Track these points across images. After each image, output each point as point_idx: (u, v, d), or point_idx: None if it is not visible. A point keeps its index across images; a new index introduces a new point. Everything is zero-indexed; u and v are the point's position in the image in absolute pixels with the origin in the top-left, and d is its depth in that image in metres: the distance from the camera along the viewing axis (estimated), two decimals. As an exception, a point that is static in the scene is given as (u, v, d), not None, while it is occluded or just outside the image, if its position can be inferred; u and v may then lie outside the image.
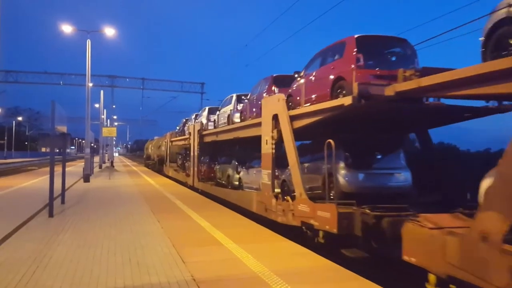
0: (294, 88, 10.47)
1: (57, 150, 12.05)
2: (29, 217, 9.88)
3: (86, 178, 21.30)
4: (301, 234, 8.91)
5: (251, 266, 5.96)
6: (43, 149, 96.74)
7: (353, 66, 7.71)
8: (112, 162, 43.11)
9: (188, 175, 21.85)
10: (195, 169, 19.80)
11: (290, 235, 8.39)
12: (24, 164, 51.29)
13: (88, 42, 25.08)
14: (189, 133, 21.50)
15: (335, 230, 7.22)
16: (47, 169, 12.34)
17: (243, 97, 15.94)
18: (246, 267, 5.93)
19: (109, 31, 26.17)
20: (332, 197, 8.17)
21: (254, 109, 13.28)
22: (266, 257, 6.43)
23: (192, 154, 20.62)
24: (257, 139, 12.05)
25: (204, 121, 20.86)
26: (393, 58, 8.24)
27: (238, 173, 15.08)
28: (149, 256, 6.46)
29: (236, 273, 5.66)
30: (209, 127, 19.98)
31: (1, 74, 53.96)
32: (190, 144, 21.23)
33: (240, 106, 15.61)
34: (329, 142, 7.65)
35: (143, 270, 5.71)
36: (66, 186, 13.43)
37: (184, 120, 28.95)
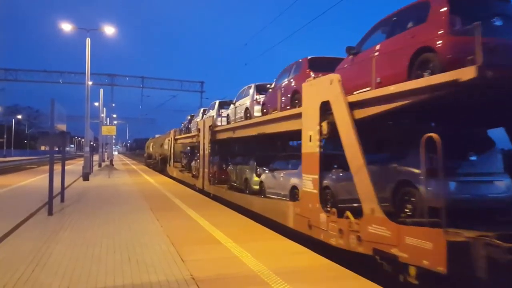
0: (345, 68, 8.16)
1: (57, 149, 12.05)
2: (28, 216, 9.89)
3: (86, 177, 21.29)
4: (301, 234, 8.89)
5: (250, 264, 5.96)
6: (43, 148, 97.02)
7: (444, 31, 5.79)
8: (111, 161, 43.11)
9: (196, 177, 20.12)
10: (205, 170, 17.77)
11: (290, 234, 8.39)
12: (24, 162, 51.29)
13: (88, 41, 25.09)
14: (198, 130, 19.68)
15: (442, 269, 5.12)
16: (47, 167, 12.34)
17: (268, 86, 13.78)
18: (245, 265, 5.94)
19: (109, 30, 26.20)
20: (408, 213, 6.40)
21: (283, 99, 11.12)
22: (265, 255, 6.44)
23: (201, 153, 18.60)
24: (288, 135, 11.39)
25: (215, 116, 18.65)
26: (498, 23, 6.00)
27: (258, 175, 13.04)
28: (148, 255, 6.46)
29: (235, 272, 5.67)
30: (220, 123, 17.90)
31: (1, 72, 53.96)
32: (198, 142, 19.37)
33: (260, 98, 13.67)
34: (430, 137, 5.44)
35: (142, 269, 5.71)
36: (66, 184, 13.43)
37: (190, 116, 27.03)
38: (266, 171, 12.32)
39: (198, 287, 4.97)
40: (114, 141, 75.43)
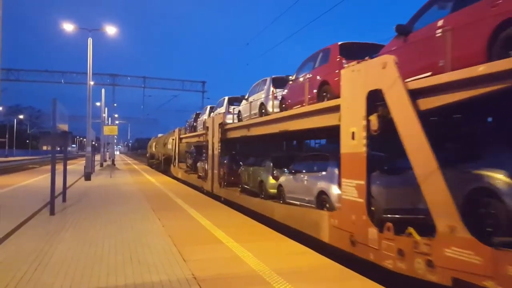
0: (394, 51, 6.68)
1: (58, 149, 12.06)
2: (30, 215, 9.90)
3: (87, 176, 21.32)
4: (302, 233, 8.87)
5: (251, 264, 5.96)
6: (44, 147, 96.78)
7: None
8: (113, 161, 43.19)
9: (203, 179, 18.75)
10: (215, 171, 16.40)
11: (291, 234, 8.39)
12: (25, 162, 51.38)
13: (90, 41, 25.08)
14: (206, 128, 18.15)
15: None
16: (48, 167, 12.37)
17: (289, 77, 12.51)
18: (246, 265, 5.94)
19: (111, 30, 26.18)
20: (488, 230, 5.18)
21: (313, 91, 9.56)
22: (267, 255, 6.43)
23: (210, 153, 17.13)
24: (313, 133, 10.70)
25: (224, 113, 17.46)
26: None
27: (275, 178, 11.81)
28: (150, 255, 6.47)
29: (236, 272, 5.67)
30: (228, 120, 16.84)
31: (3, 72, 53.90)
32: (206, 141, 18.00)
33: (277, 92, 12.42)
34: None
35: (144, 269, 5.72)
36: (67, 184, 13.45)
37: (195, 114, 25.79)
38: (286, 173, 11.07)
39: (200, 287, 4.97)
40: (115, 141, 75.55)
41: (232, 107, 17.16)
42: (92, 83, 27.08)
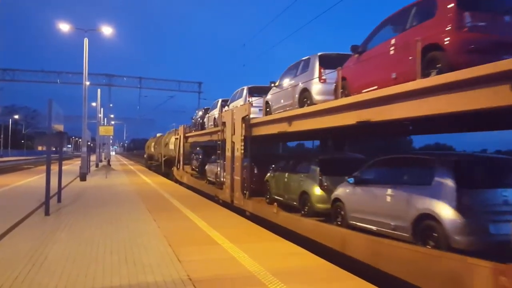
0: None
1: (54, 149, 12.03)
2: (25, 216, 9.86)
3: (83, 177, 21.26)
4: (297, 234, 8.90)
5: (247, 265, 5.97)
6: (40, 148, 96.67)
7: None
8: (109, 161, 43.07)
9: (218, 185, 15.60)
10: (236, 177, 13.17)
11: (286, 235, 8.41)
12: (20, 162, 51.13)
13: (86, 41, 25.06)
14: (222, 124, 14.93)
15: None
16: (43, 167, 12.33)
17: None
18: (242, 266, 5.95)
19: (107, 30, 26.20)
20: None
21: (404, 65, 6.38)
22: (262, 256, 6.45)
23: (228, 154, 13.96)
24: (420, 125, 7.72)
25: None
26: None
27: (326, 189, 9.22)
28: (145, 255, 6.47)
29: (232, 273, 5.68)
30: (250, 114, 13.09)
31: (-2, 72, 53.74)
32: (222, 140, 14.96)
33: (327, 73, 9.43)
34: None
35: (139, 269, 5.71)
36: (63, 184, 13.40)
37: (203, 110, 22.99)
38: (348, 183, 8.05)
39: (195, 288, 4.98)
40: (111, 141, 75.34)
41: (253, 98, 14.21)
42: (88, 83, 27.06)
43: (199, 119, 22.90)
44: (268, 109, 12.54)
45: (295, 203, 10.29)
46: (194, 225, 9.24)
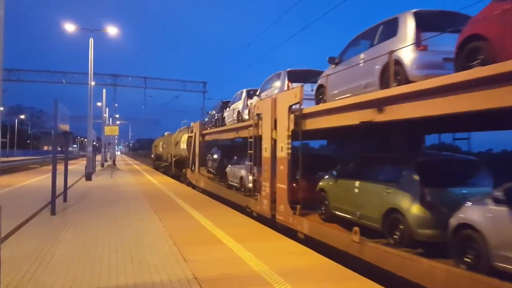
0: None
1: (59, 149, 12.08)
2: (31, 215, 9.92)
3: (88, 177, 21.34)
4: (301, 234, 8.86)
5: (252, 265, 5.97)
6: (45, 148, 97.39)
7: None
8: (114, 161, 43.21)
9: (251, 194, 12.26)
10: (279, 185, 10.00)
11: (291, 235, 8.39)
12: (26, 162, 51.40)
13: (91, 41, 25.13)
14: (257, 117, 11.79)
15: None
16: (49, 167, 12.40)
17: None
18: (247, 265, 5.94)
19: (112, 30, 26.25)
20: None
21: None
22: (268, 256, 6.44)
23: (266, 155, 10.80)
24: None
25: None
26: None
27: (430, 206, 6.27)
28: (151, 255, 6.48)
29: (237, 272, 5.67)
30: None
31: (4, 73, 53.85)
32: (255, 137, 11.92)
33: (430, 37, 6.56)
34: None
35: (145, 269, 5.72)
36: (68, 184, 13.46)
37: (221, 103, 20.07)
38: (490, 200, 5.21)
39: (201, 287, 4.98)
40: (116, 141, 75.66)
41: (293, 84, 11.09)
42: (93, 83, 27.14)
43: (217, 114, 20.00)
44: (321, 96, 9.51)
45: (375, 225, 7.05)
46: (199, 224, 9.24)
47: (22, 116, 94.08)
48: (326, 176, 9.37)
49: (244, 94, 15.81)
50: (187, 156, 23.13)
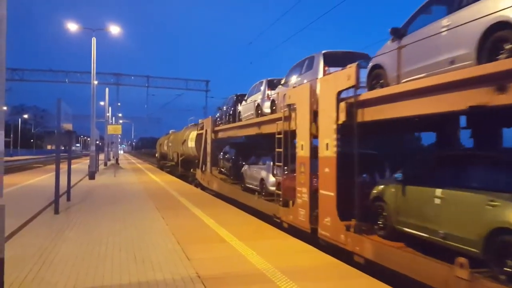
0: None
1: (63, 148, 12.11)
2: (35, 214, 9.95)
3: (91, 176, 21.39)
4: (306, 233, 8.86)
5: (255, 263, 5.96)
6: (49, 147, 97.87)
7: None
8: (117, 160, 43.25)
9: (272, 198, 11.05)
10: (326, 193, 7.80)
11: (294, 233, 8.38)
12: (30, 161, 51.56)
13: (93, 40, 25.17)
14: (289, 108, 9.79)
15: None
16: (53, 166, 12.43)
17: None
18: (250, 264, 5.94)
19: (114, 29, 26.27)
20: None
21: None
22: (271, 254, 6.43)
23: (303, 154, 8.93)
24: None
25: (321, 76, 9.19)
26: None
27: None
28: (154, 253, 6.48)
29: (240, 270, 5.67)
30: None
31: (7, 72, 54.17)
32: (288, 132, 9.83)
33: None
34: None
35: (148, 267, 5.73)
36: (72, 183, 13.50)
37: (234, 97, 17.49)
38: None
39: (204, 286, 4.98)
40: (119, 140, 75.78)
41: (331, 69, 8.91)
42: (96, 82, 27.19)
43: (230, 108, 17.74)
44: (374, 81, 7.49)
45: (472, 249, 5.14)
46: (202, 222, 9.25)
47: (26, 116, 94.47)
48: (385, 181, 7.50)
49: (264, 85, 13.85)
50: (196, 155, 21.61)
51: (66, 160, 12.78)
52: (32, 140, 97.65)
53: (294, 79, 10.98)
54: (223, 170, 18.15)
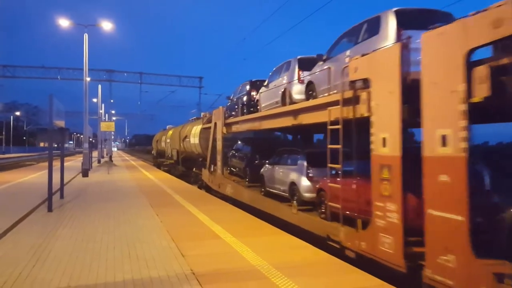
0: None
1: (56, 145, 12.04)
2: (28, 212, 9.88)
3: (85, 173, 21.28)
4: (300, 228, 8.88)
5: (250, 259, 5.97)
6: (42, 144, 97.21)
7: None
8: (110, 157, 43.07)
9: (307, 207, 9.05)
10: (445, 215, 4.84)
11: (289, 229, 8.40)
12: (22, 159, 51.21)
13: (86, 36, 24.99)
14: (352, 87, 6.98)
15: None
16: (46, 164, 12.36)
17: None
18: (245, 260, 5.95)
19: (107, 25, 26.08)
20: None
21: None
22: (265, 250, 6.45)
23: (386, 152, 5.97)
24: None
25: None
26: None
27: None
28: (148, 250, 6.47)
29: (235, 267, 5.68)
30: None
31: (-1, 69, 53.74)
32: (346, 121, 7.01)
33: None
34: None
35: (142, 264, 5.72)
36: (65, 181, 13.43)
37: (249, 83, 14.84)
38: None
39: (199, 282, 4.98)
40: (113, 137, 75.46)
41: (407, 32, 6.28)
42: (88, 79, 27.03)
43: (245, 96, 14.81)
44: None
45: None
46: (197, 219, 9.25)
47: (18, 113, 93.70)
48: None
49: (293, 65, 10.85)
50: (199, 153, 19.55)
51: (59, 158, 12.71)
52: (24, 138, 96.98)
53: (347, 52, 8.10)
54: (234, 170, 15.66)
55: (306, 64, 10.37)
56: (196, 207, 10.93)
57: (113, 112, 67.69)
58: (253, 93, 14.15)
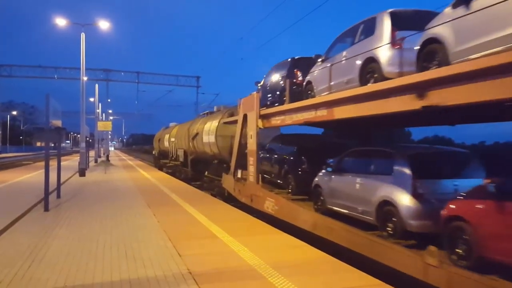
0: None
1: (52, 145, 12.00)
2: (24, 212, 9.86)
3: (82, 173, 21.22)
4: (297, 228, 8.90)
5: (247, 258, 5.97)
6: (38, 144, 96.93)
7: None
8: (107, 156, 42.99)
9: (411, 241, 6.13)
10: None
11: (286, 228, 8.41)
12: (19, 158, 51.07)
13: (83, 36, 24.92)
14: None
15: None
16: (42, 163, 12.32)
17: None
18: (242, 259, 5.95)
19: (104, 25, 26.04)
20: None
21: None
22: (262, 249, 6.44)
23: None
24: None
25: None
26: None
27: None
28: (145, 250, 6.46)
29: (232, 266, 5.67)
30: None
31: (-5, 68, 53.55)
32: None
33: None
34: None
35: (139, 264, 5.71)
36: (62, 180, 13.38)
37: (290, 61, 11.80)
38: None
39: (195, 282, 4.98)
40: (110, 136, 75.28)
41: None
42: (85, 78, 26.94)
43: (281, 81, 11.72)
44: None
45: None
46: (194, 219, 9.23)
47: (14, 112, 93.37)
48: None
49: (382, 23, 7.27)
50: (215, 154, 16.57)
51: (56, 157, 12.67)
52: (21, 137, 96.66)
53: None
54: (266, 176, 12.30)
55: (405, 19, 7.50)
56: (193, 206, 10.92)
57: (110, 111, 67.50)
58: (298, 73, 11.17)
